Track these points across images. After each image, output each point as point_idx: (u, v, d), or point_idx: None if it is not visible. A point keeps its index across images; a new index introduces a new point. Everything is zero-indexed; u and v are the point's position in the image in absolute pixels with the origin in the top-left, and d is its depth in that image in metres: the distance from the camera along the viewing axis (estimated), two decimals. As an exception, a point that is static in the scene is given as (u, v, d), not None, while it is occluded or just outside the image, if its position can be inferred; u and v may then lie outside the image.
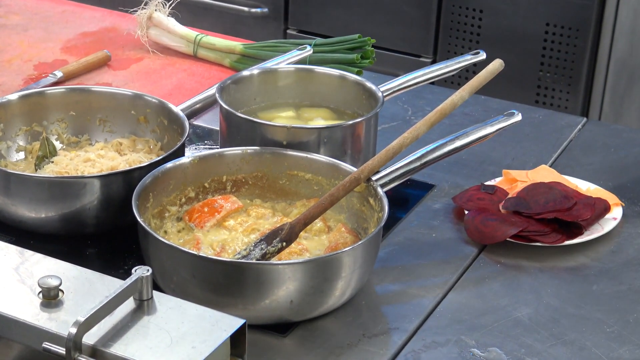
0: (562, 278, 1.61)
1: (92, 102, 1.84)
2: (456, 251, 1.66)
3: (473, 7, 3.32)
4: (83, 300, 1.26)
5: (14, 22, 2.46)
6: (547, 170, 1.84)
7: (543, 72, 3.28)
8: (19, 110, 1.80)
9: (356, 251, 1.45)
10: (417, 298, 1.55)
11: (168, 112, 1.78)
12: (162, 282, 1.46)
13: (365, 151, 1.78)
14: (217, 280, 1.41)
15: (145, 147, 1.80)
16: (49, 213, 1.59)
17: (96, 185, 1.58)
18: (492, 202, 1.73)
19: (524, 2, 3.24)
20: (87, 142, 1.84)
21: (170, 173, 1.61)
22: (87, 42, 2.37)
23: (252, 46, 2.27)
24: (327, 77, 1.91)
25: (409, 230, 1.71)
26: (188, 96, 1.97)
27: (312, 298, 1.43)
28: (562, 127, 2.09)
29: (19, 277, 1.31)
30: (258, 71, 1.91)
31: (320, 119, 1.87)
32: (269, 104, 1.90)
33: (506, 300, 1.55)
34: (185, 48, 2.31)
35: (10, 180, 1.60)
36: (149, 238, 1.45)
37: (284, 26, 3.68)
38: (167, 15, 2.34)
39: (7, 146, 1.78)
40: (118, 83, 2.18)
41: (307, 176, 1.66)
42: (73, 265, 1.33)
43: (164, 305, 1.27)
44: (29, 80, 2.16)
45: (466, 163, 1.92)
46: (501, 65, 1.72)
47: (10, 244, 1.38)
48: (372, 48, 2.22)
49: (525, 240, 1.66)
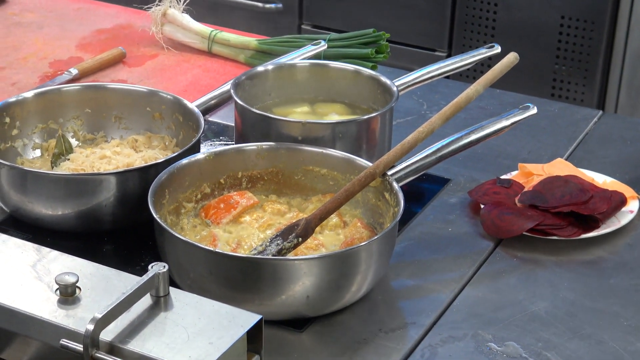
0: (578, 272, 1.61)
1: (108, 99, 1.85)
2: (472, 245, 1.66)
3: (488, 0, 3.31)
4: (100, 297, 1.26)
5: (29, 20, 2.46)
6: (563, 163, 1.84)
7: (559, 65, 3.27)
8: (35, 108, 1.80)
9: (372, 246, 1.45)
10: (433, 293, 1.54)
11: (183, 108, 1.78)
12: (179, 279, 1.46)
13: (381, 146, 1.78)
14: (234, 276, 1.41)
15: (160, 144, 1.81)
16: (66, 210, 1.60)
17: (112, 182, 1.59)
18: (508, 196, 1.73)
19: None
20: (103, 139, 1.84)
21: (186, 169, 1.61)
22: (102, 39, 2.37)
23: (266, 42, 2.27)
24: (342, 72, 1.91)
25: (425, 225, 1.71)
26: (203, 92, 1.97)
27: (328, 293, 1.43)
28: (578, 120, 2.08)
29: (36, 274, 1.31)
30: (273, 67, 1.91)
31: (335, 114, 1.87)
32: (284, 99, 1.90)
33: (523, 294, 1.55)
34: (200, 44, 2.31)
35: (26, 178, 1.60)
36: (165, 234, 1.46)
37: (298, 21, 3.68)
38: (182, 11, 2.34)
39: (24, 144, 1.79)
40: (133, 80, 2.18)
41: (322, 171, 1.66)
42: (90, 262, 1.34)
43: (181, 301, 1.27)
44: (45, 77, 2.17)
45: (482, 157, 1.91)
46: (516, 58, 1.72)
47: (27, 242, 1.39)
48: (387, 42, 2.21)
49: (541, 234, 1.66)
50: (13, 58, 2.26)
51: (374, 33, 2.21)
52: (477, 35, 3.37)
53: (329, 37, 2.20)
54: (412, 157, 1.64)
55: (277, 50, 2.22)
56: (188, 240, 1.44)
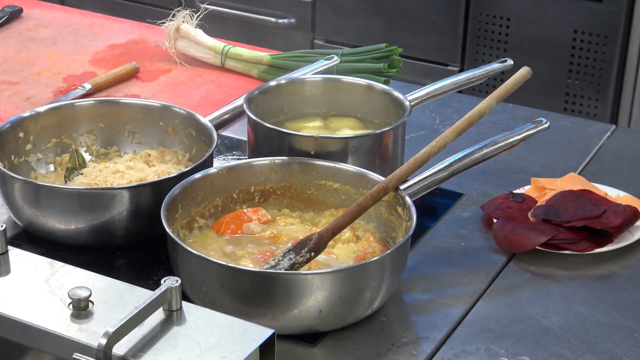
0: (592, 286, 1.60)
1: (121, 113, 1.85)
2: (485, 260, 1.66)
3: (500, 15, 3.31)
4: (113, 311, 1.27)
5: (43, 35, 2.47)
6: (576, 178, 1.83)
7: (571, 80, 3.26)
8: (49, 123, 1.81)
9: (385, 260, 1.45)
10: (446, 307, 1.54)
11: (196, 123, 1.79)
12: (191, 293, 1.46)
13: (393, 160, 1.78)
14: (246, 290, 1.41)
15: (173, 158, 1.81)
16: (79, 224, 1.60)
17: (125, 196, 1.59)
18: (521, 210, 1.73)
19: (552, 9, 3.23)
20: (116, 154, 1.85)
21: (199, 184, 1.61)
22: (116, 54, 2.38)
23: (279, 56, 2.28)
24: (355, 87, 1.92)
25: (438, 239, 1.71)
26: (216, 107, 1.97)
27: (341, 308, 1.43)
28: (591, 135, 2.08)
29: (50, 288, 1.31)
30: (285, 81, 1.91)
31: (347, 129, 1.87)
32: (297, 114, 1.91)
33: (536, 309, 1.54)
34: (213, 59, 2.32)
35: (40, 192, 1.61)
36: (177, 248, 1.46)
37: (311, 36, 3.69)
38: (195, 26, 2.35)
39: (37, 158, 1.80)
40: (146, 95, 2.19)
41: (335, 186, 1.66)
42: (103, 276, 1.34)
43: (193, 315, 1.27)
44: (58, 92, 2.18)
45: (495, 171, 1.91)
46: (529, 73, 1.72)
47: (40, 256, 1.39)
48: (399, 57, 2.21)
49: (554, 248, 1.65)
50: (27, 73, 2.27)
51: (387, 48, 2.21)
52: (490, 49, 3.37)
53: (341, 51, 2.21)
54: (424, 172, 1.64)
55: (289, 65, 2.23)
56: (201, 255, 1.44)
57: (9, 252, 1.38)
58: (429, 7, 3.42)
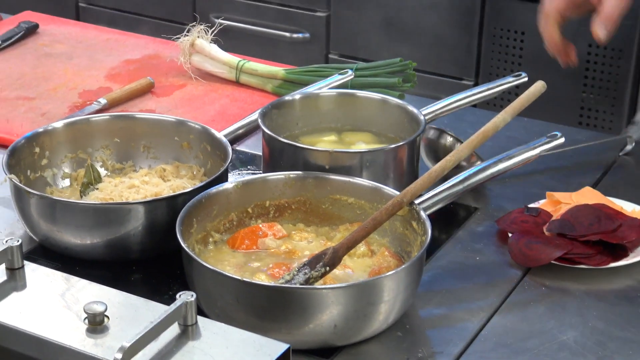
0: (608, 301, 1.60)
1: (136, 128, 1.86)
2: (500, 274, 1.66)
3: (515, 29, 3.31)
4: (128, 325, 1.27)
5: (59, 51, 2.49)
6: (591, 192, 1.83)
7: (586, 94, 3.26)
8: (64, 138, 1.82)
9: (400, 275, 1.45)
10: (461, 322, 1.54)
11: (211, 138, 1.79)
12: (206, 307, 1.46)
13: (408, 174, 1.78)
14: (261, 304, 1.41)
15: (188, 173, 1.81)
16: (94, 239, 1.61)
17: (140, 211, 1.60)
18: (536, 224, 1.72)
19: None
20: (132, 169, 1.86)
21: (214, 199, 1.62)
22: (131, 70, 2.39)
23: (294, 71, 2.28)
24: (369, 101, 1.92)
25: (453, 254, 1.71)
26: (231, 122, 1.98)
27: (355, 322, 1.43)
28: (606, 149, 2.07)
29: (65, 303, 1.32)
30: (300, 96, 1.91)
31: (362, 143, 1.87)
32: (311, 128, 1.91)
33: (552, 324, 1.54)
34: (228, 74, 2.33)
35: (55, 207, 1.62)
36: (193, 263, 1.46)
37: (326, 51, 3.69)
38: (210, 42, 2.35)
39: (53, 173, 1.80)
40: (161, 110, 2.19)
41: (350, 200, 1.66)
42: (118, 291, 1.34)
43: (208, 330, 1.27)
44: (74, 108, 2.19)
45: (509, 185, 1.91)
46: (543, 87, 1.72)
47: (56, 271, 1.39)
48: (414, 71, 2.22)
49: (569, 262, 1.65)
50: (43, 89, 2.28)
51: (401, 62, 2.22)
52: (504, 63, 3.37)
53: (356, 66, 2.21)
54: (439, 186, 1.64)
55: (304, 79, 2.23)
56: (216, 269, 1.44)
57: (25, 267, 1.38)
58: (443, 21, 3.42)
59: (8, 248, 1.37)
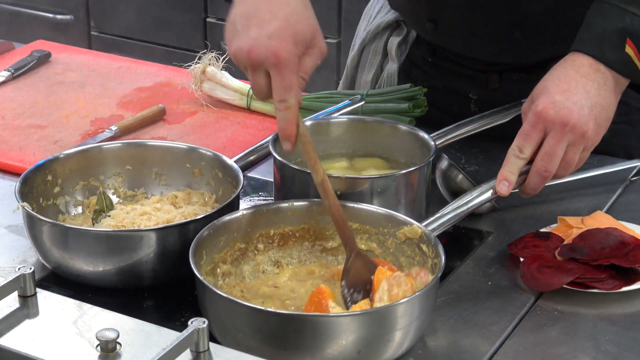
0: (620, 325, 1.59)
1: (148, 156, 1.87)
2: (512, 299, 1.65)
3: (525, 54, 3.30)
4: (140, 352, 1.27)
5: (71, 79, 2.50)
6: (603, 216, 1.83)
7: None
8: (77, 166, 1.83)
9: (414, 302, 1.44)
10: (474, 347, 1.54)
11: (223, 164, 1.80)
12: (218, 334, 1.46)
13: (419, 200, 1.78)
14: (273, 332, 1.41)
15: (200, 200, 1.82)
16: (107, 266, 1.61)
17: (152, 238, 1.60)
18: (547, 249, 1.72)
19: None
20: (143, 196, 1.86)
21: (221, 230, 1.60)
22: (143, 97, 2.40)
23: (304, 98, 2.29)
24: (380, 127, 1.92)
25: (465, 279, 1.70)
26: (242, 148, 1.98)
27: (369, 349, 1.43)
28: (617, 172, 2.07)
29: (77, 330, 1.32)
30: (311, 122, 1.92)
31: (373, 169, 1.87)
32: (322, 154, 1.91)
33: (564, 348, 1.53)
34: (239, 101, 2.33)
35: (68, 234, 1.62)
36: (206, 291, 1.46)
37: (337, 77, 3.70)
38: (221, 69, 2.36)
39: (65, 201, 1.81)
40: (173, 137, 2.20)
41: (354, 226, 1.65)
42: (130, 318, 1.34)
43: (220, 357, 1.27)
44: (86, 135, 2.20)
45: (521, 210, 1.91)
46: (553, 111, 1.72)
47: (68, 298, 1.40)
48: (424, 97, 2.22)
49: (582, 286, 1.64)
50: (55, 117, 2.29)
51: (411, 88, 2.22)
52: (515, 88, 3.36)
53: (366, 92, 2.22)
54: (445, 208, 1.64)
55: (315, 106, 2.23)
56: (229, 297, 1.44)
57: (37, 295, 1.39)
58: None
59: (21, 276, 1.37)
